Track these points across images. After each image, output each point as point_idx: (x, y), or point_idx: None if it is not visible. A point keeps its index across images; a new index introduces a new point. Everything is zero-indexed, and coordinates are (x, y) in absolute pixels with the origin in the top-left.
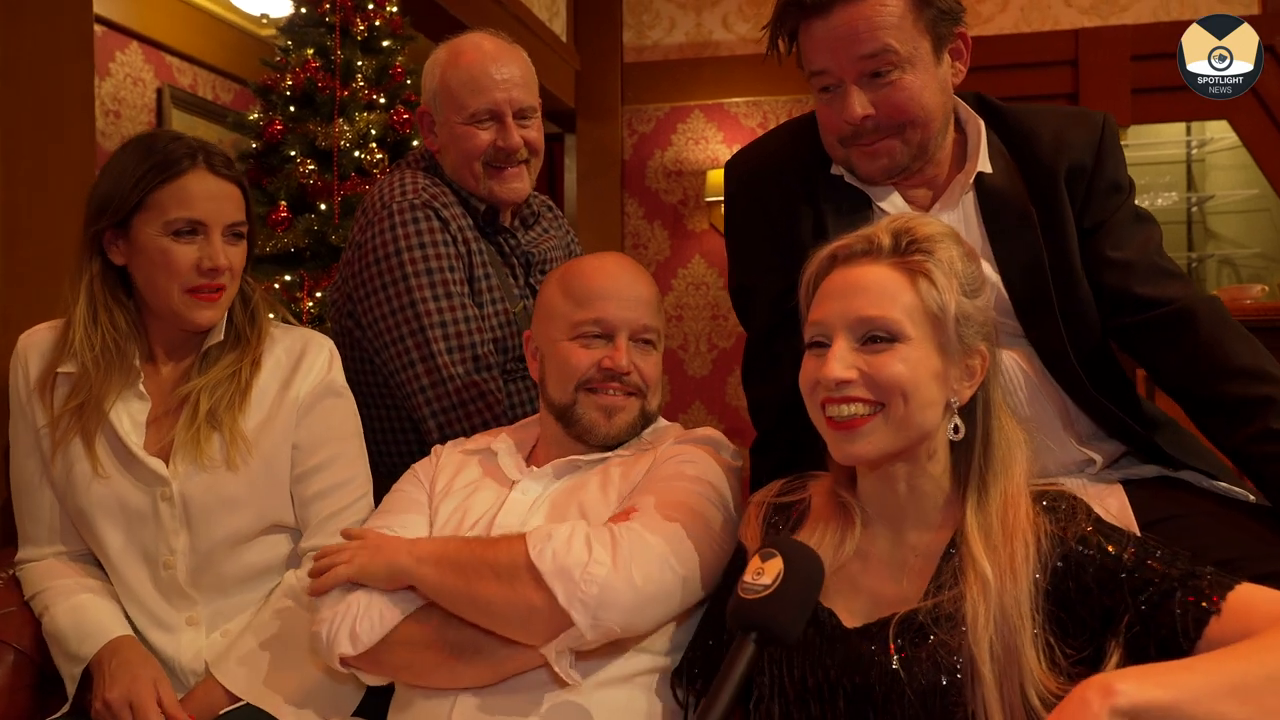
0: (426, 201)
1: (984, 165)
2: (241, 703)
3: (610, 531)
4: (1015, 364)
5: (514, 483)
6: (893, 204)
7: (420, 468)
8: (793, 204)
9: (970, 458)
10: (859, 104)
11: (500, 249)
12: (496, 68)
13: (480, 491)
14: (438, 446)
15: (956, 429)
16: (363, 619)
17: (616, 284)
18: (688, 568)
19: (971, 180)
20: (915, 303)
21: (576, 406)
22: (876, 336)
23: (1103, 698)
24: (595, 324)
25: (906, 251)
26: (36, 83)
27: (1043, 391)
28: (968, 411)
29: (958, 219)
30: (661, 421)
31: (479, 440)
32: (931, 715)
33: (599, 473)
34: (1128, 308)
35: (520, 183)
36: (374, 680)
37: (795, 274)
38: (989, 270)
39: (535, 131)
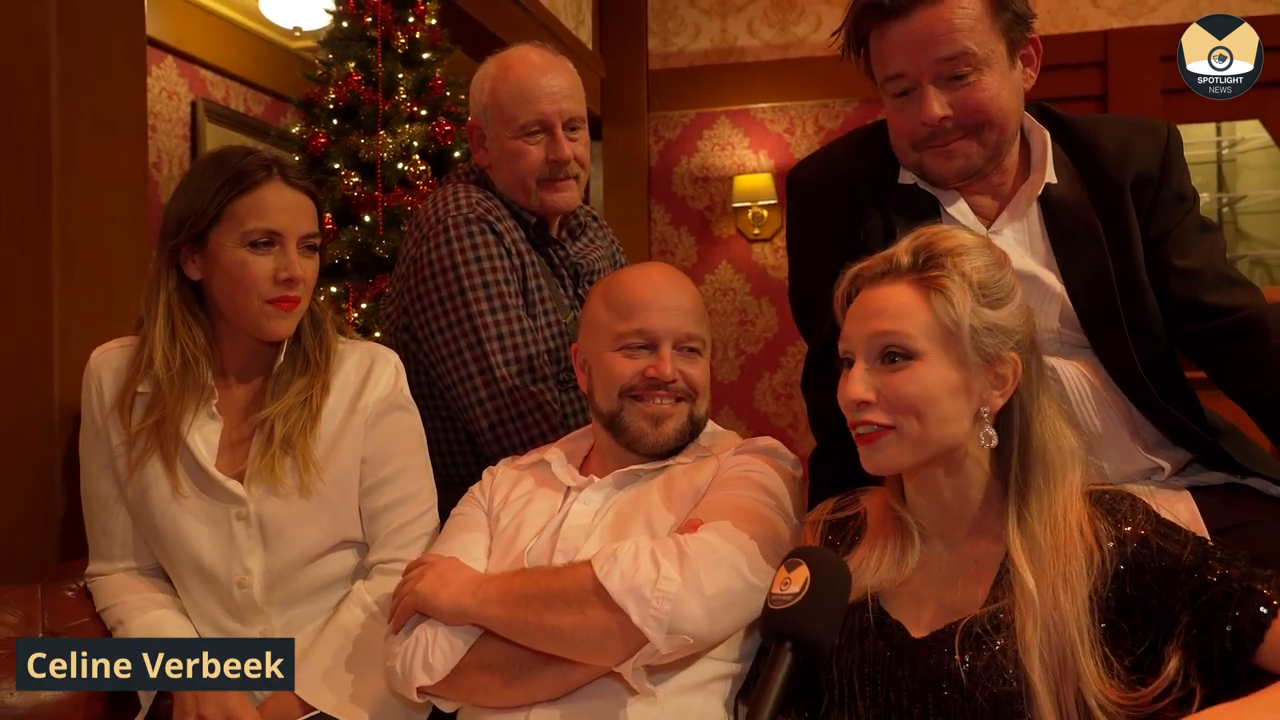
0: (481, 215)
1: (1050, 176)
2: (315, 712)
3: (676, 543)
4: (1081, 375)
5: (569, 489)
6: (959, 210)
7: (476, 489)
8: (860, 213)
9: (1008, 468)
10: (938, 104)
11: (550, 260)
12: (545, 79)
13: (535, 502)
14: (490, 468)
15: (988, 437)
16: (434, 649)
17: (658, 294)
18: (757, 575)
19: (1039, 191)
20: (929, 320)
21: (623, 414)
22: (892, 354)
23: None
24: (638, 334)
25: (924, 268)
26: (92, 99)
27: (1109, 401)
28: (1006, 419)
29: (1022, 230)
30: (717, 428)
31: (530, 456)
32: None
33: (661, 482)
34: (1196, 316)
35: (571, 193)
36: (451, 706)
37: None
38: (1054, 282)
39: (583, 146)
